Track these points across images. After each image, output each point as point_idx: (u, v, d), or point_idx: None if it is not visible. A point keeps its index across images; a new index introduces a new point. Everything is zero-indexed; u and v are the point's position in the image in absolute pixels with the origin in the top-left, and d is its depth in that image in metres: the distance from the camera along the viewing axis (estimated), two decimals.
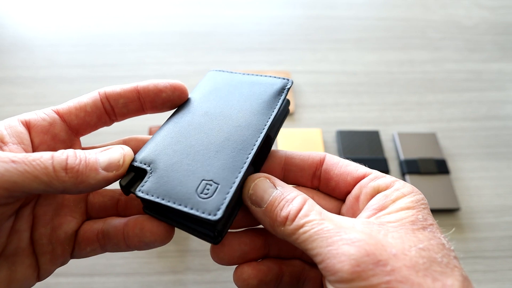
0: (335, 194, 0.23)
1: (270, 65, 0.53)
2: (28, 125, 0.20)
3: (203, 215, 0.18)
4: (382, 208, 0.19)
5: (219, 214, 0.18)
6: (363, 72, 0.54)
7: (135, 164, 0.21)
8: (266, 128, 0.22)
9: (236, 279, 0.22)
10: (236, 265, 0.23)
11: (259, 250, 0.23)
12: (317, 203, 0.23)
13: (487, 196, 0.42)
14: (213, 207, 0.18)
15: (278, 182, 0.21)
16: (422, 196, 0.20)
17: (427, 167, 0.42)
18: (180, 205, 0.18)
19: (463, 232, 0.39)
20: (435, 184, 0.41)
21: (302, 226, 0.18)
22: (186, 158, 0.20)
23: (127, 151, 0.20)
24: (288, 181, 0.24)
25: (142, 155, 0.21)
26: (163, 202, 0.19)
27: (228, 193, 0.19)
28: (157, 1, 0.61)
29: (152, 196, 0.19)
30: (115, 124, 0.25)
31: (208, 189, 0.19)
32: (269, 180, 0.21)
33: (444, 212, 0.40)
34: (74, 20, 0.57)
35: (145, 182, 0.20)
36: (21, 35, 0.55)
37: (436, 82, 0.53)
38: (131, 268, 0.35)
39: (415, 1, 0.65)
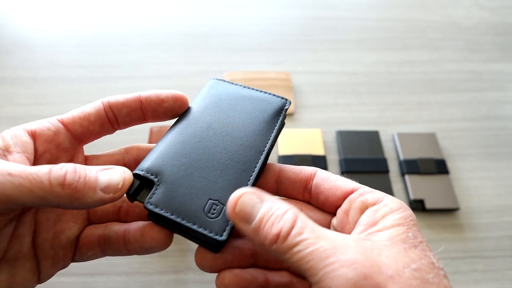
0: (325, 208, 0.24)
1: (270, 65, 0.54)
2: (33, 135, 0.21)
3: (210, 235, 0.19)
4: (372, 224, 0.19)
5: (225, 235, 0.19)
6: (363, 72, 0.54)
7: (141, 173, 0.21)
8: (267, 150, 0.23)
9: (218, 284, 0.22)
10: None
11: (243, 259, 0.22)
12: (307, 216, 0.23)
13: (486, 196, 0.42)
14: (219, 228, 0.19)
15: (265, 196, 0.19)
16: (410, 212, 0.20)
17: (426, 167, 0.42)
18: (188, 222, 0.20)
19: (462, 232, 0.39)
20: (434, 184, 0.41)
21: (296, 245, 0.17)
22: (192, 173, 0.21)
23: (127, 175, 0.20)
24: (280, 194, 0.25)
25: (148, 164, 0.22)
26: (172, 217, 0.20)
27: None
28: (157, 1, 0.61)
29: (161, 210, 0.20)
30: None
31: (214, 209, 0.20)
32: (255, 195, 0.19)
33: (444, 212, 0.40)
34: (75, 20, 0.57)
35: (153, 194, 0.20)
36: (21, 35, 0.55)
37: (436, 82, 0.53)
38: (132, 268, 0.35)
39: (415, 2, 0.65)
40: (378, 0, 0.65)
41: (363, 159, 0.43)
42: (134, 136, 0.44)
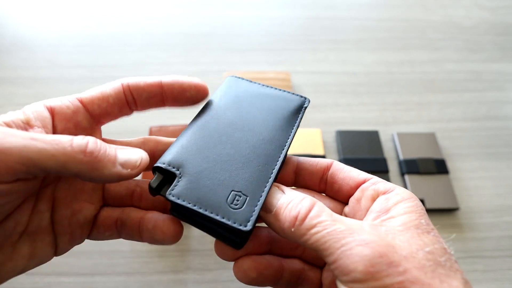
0: (338, 197, 0.24)
1: (270, 65, 0.54)
2: (52, 111, 0.21)
3: (234, 225, 0.19)
4: (385, 211, 0.20)
5: (250, 225, 0.19)
6: (363, 72, 0.54)
7: (163, 166, 0.21)
8: (288, 145, 0.23)
9: (236, 270, 0.22)
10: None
11: (261, 247, 0.23)
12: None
13: (486, 196, 0.42)
14: (243, 218, 0.19)
15: (286, 188, 0.22)
16: (420, 202, 0.21)
17: (426, 167, 0.42)
18: (211, 213, 0.19)
19: (462, 232, 0.39)
20: (434, 184, 0.41)
21: (313, 226, 0.18)
22: (215, 166, 0.21)
23: (144, 156, 0.20)
24: (298, 184, 0.26)
25: (170, 157, 0.21)
26: (195, 208, 0.20)
27: (256, 205, 0.20)
28: (157, 1, 0.61)
29: (184, 201, 0.20)
30: (117, 123, 0.25)
31: (237, 200, 0.20)
32: (278, 187, 0.22)
33: (443, 212, 0.40)
34: (75, 20, 0.57)
35: (175, 186, 0.20)
36: (21, 35, 0.55)
37: (436, 82, 0.53)
38: (132, 268, 0.35)
39: (415, 2, 0.65)
40: (378, 0, 0.65)
41: (363, 159, 0.43)
42: (134, 136, 0.44)
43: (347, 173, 0.24)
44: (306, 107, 0.26)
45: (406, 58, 0.56)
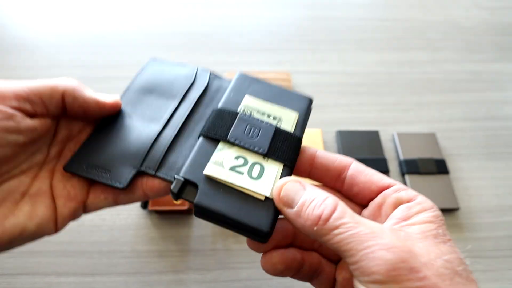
0: (356, 199, 0.24)
1: (270, 65, 0.54)
2: None
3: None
4: (405, 219, 0.20)
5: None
6: (363, 73, 0.54)
7: (184, 176, 0.23)
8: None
9: (265, 262, 0.23)
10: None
11: (286, 239, 0.24)
12: None
13: (486, 196, 0.42)
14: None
15: (308, 185, 0.22)
16: (440, 212, 0.21)
17: (426, 167, 0.42)
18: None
19: (462, 232, 0.39)
20: (434, 184, 0.41)
21: (337, 227, 0.18)
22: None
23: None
24: (313, 178, 0.26)
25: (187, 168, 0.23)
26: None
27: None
28: (159, 2, 0.61)
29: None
30: None
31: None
32: (298, 182, 0.22)
33: (444, 212, 0.40)
34: (76, 21, 0.57)
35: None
36: (23, 36, 0.55)
37: (435, 82, 0.53)
38: (132, 268, 0.35)
39: (415, 2, 0.65)
40: (378, 0, 0.65)
41: (363, 159, 0.43)
42: None
43: (369, 177, 0.23)
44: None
45: (406, 59, 0.56)
